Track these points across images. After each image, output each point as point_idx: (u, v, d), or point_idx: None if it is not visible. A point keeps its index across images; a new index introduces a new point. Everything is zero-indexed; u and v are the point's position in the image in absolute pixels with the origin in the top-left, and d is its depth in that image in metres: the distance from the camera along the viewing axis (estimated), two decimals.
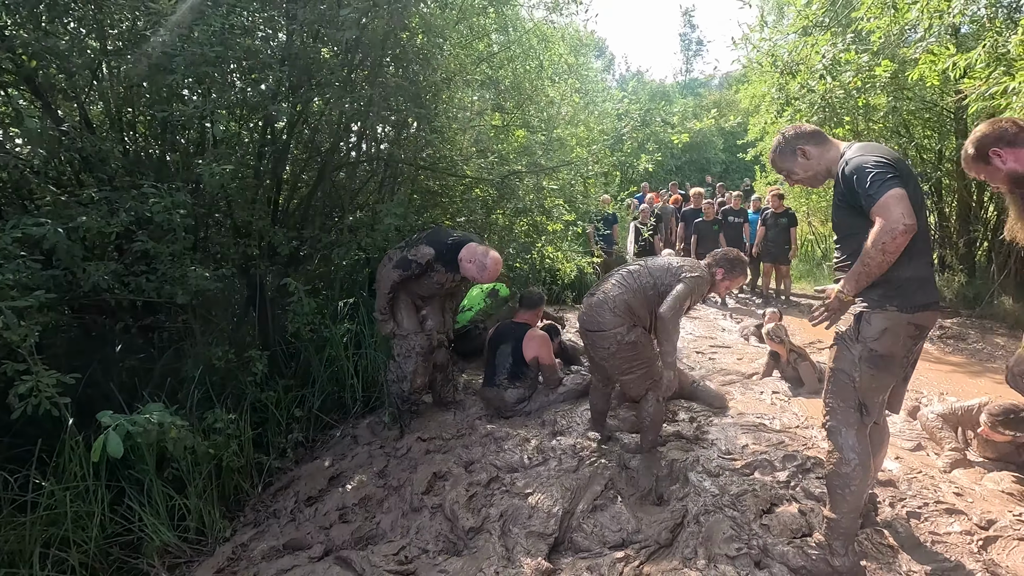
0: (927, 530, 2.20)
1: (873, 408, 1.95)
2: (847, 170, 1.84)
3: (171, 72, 2.66)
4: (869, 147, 1.87)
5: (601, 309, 2.77)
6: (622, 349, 2.73)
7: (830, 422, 2.00)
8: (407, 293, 3.31)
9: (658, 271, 2.84)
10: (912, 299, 1.84)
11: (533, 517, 2.32)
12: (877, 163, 1.77)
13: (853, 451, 1.94)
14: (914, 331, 1.89)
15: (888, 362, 1.89)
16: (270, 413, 3.09)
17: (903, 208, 1.69)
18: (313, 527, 2.39)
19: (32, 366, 1.99)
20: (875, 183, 1.73)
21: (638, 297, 2.78)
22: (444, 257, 3.11)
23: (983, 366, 5.23)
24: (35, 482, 2.16)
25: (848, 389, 1.95)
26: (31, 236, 2.21)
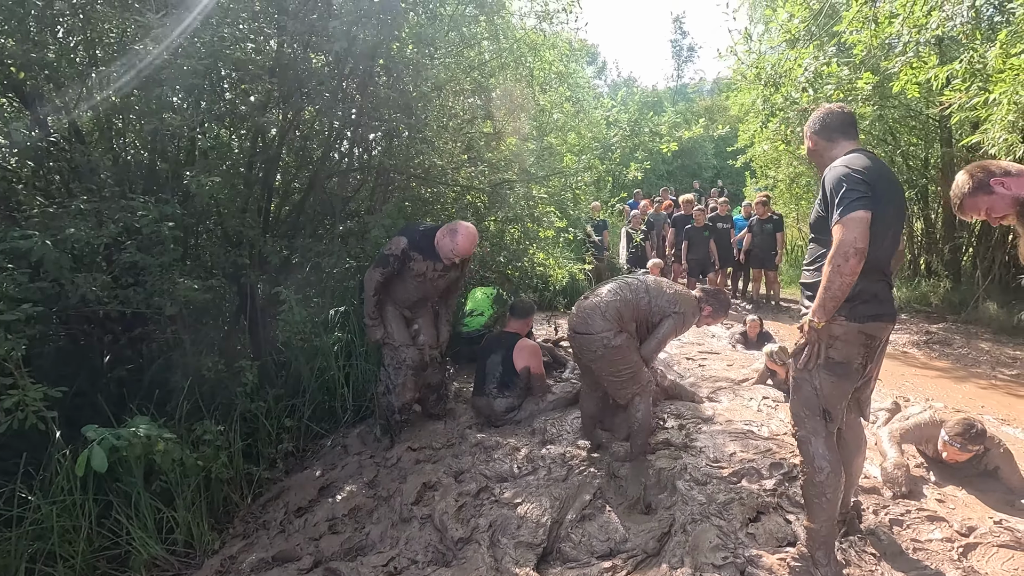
0: (909, 537, 2.23)
1: (836, 414, 2.01)
2: (828, 176, 1.90)
3: (161, 84, 2.67)
4: (858, 159, 1.91)
5: (592, 313, 2.83)
6: (608, 352, 2.79)
7: (799, 432, 2.06)
8: (395, 304, 3.27)
9: (655, 292, 2.95)
10: (859, 310, 1.91)
11: (522, 527, 2.34)
12: (855, 179, 1.81)
13: (824, 459, 1.98)
14: (865, 339, 1.95)
15: (845, 368, 1.96)
16: (260, 423, 3.08)
17: (859, 232, 1.76)
18: (303, 538, 2.39)
19: (19, 380, 1.99)
20: (844, 199, 1.79)
21: (630, 308, 2.86)
22: (419, 244, 3.10)
23: (968, 371, 5.30)
24: (21, 496, 2.15)
25: (811, 397, 2.01)
26: (19, 248, 2.21)
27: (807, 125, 2.13)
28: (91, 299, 2.46)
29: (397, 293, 3.25)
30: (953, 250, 7.61)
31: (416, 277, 3.16)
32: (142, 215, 2.49)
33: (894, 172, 2.12)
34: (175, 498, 2.40)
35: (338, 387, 3.58)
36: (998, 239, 7.17)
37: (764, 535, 2.24)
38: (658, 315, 2.93)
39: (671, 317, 2.91)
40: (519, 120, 5.51)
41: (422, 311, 3.39)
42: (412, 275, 3.16)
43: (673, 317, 2.90)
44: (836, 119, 2.04)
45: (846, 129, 2.03)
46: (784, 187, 10.39)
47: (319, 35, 3.51)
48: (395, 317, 3.27)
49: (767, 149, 7.74)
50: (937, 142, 7.35)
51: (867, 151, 1.99)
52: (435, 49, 4.38)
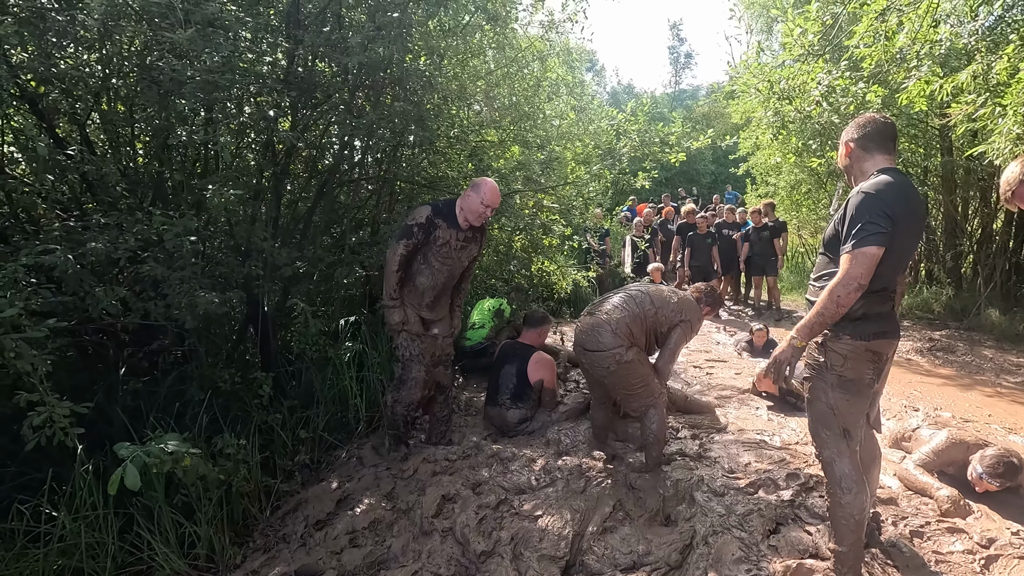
0: (930, 549, 2.25)
1: (855, 432, 2.02)
2: (853, 200, 1.89)
3: (181, 97, 2.68)
4: (888, 185, 1.86)
5: (602, 330, 2.84)
6: (621, 368, 2.81)
7: (823, 453, 2.05)
8: (414, 301, 3.06)
9: (660, 301, 2.96)
10: (864, 329, 1.93)
11: (544, 540, 2.34)
12: (877, 211, 1.80)
13: (851, 479, 1.98)
14: (873, 356, 1.97)
15: (857, 385, 1.97)
16: (276, 435, 3.08)
17: (865, 268, 1.79)
18: (324, 552, 2.39)
19: (44, 396, 1.99)
20: (862, 231, 1.80)
21: (638, 322, 2.89)
22: (442, 212, 2.99)
23: (972, 379, 5.34)
24: (46, 512, 2.15)
25: (829, 416, 2.01)
26: (42, 264, 2.21)
27: (845, 132, 2.10)
28: (112, 312, 2.46)
29: (421, 279, 3.04)
30: (954, 257, 7.67)
31: (441, 248, 2.98)
32: (164, 229, 2.49)
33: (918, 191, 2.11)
34: (196, 512, 2.40)
35: (351, 397, 3.58)
36: (999, 246, 7.23)
37: (786, 547, 2.25)
38: (665, 325, 2.95)
39: (679, 326, 2.93)
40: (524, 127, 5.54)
41: (441, 305, 3.19)
42: (437, 247, 2.98)
43: (681, 326, 2.93)
44: (877, 130, 1.99)
45: (885, 142, 1.99)
46: (785, 194, 10.46)
47: (333, 47, 3.53)
48: (413, 309, 3.08)
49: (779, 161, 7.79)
50: (938, 152, 7.41)
51: (898, 171, 1.97)
52: (443, 60, 4.41)
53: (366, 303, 4.46)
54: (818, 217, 10.49)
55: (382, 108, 3.85)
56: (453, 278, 3.15)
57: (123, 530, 2.29)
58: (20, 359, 1.92)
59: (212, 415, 2.83)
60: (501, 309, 4.70)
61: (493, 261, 5.51)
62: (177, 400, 2.91)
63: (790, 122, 5.64)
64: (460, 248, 3.06)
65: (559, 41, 6.03)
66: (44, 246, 2.31)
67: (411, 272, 3.01)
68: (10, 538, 2.09)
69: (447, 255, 3.02)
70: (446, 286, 3.13)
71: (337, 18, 3.60)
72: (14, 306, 1.92)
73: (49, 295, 2.23)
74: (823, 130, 5.67)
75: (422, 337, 3.08)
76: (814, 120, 5.25)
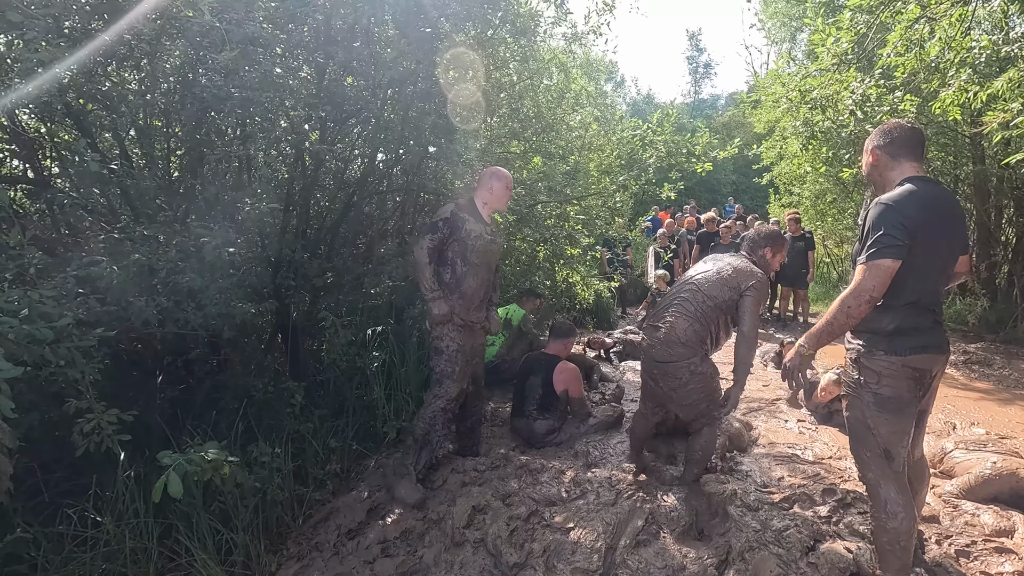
0: (977, 570, 2.18)
1: (897, 453, 1.93)
2: (872, 211, 1.87)
3: (221, 112, 2.76)
4: (910, 195, 1.84)
5: (671, 342, 2.73)
6: (694, 379, 2.73)
7: (867, 476, 1.99)
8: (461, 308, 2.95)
9: (713, 288, 2.76)
10: (898, 344, 1.87)
11: (576, 552, 2.33)
12: (894, 222, 1.78)
13: (897, 504, 1.90)
14: (912, 373, 1.88)
15: (897, 404, 1.90)
16: (307, 444, 3.11)
17: (879, 282, 1.79)
18: (357, 561, 2.40)
19: (91, 403, 2.04)
20: (877, 243, 1.79)
21: (701, 323, 2.74)
22: (466, 207, 2.98)
23: (1012, 393, 5.18)
24: (92, 518, 2.20)
25: (868, 437, 1.95)
26: (89, 275, 2.28)
27: (869, 139, 2.05)
28: (152, 322, 2.52)
29: (468, 282, 2.95)
30: (989, 268, 7.48)
31: (476, 242, 2.93)
32: (204, 241, 2.56)
33: (954, 197, 2.05)
34: (232, 519, 2.43)
35: (380, 407, 3.60)
36: None
37: (825, 564, 2.20)
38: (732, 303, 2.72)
39: (747, 295, 2.70)
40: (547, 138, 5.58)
41: (484, 305, 3.11)
42: (473, 240, 2.92)
43: (750, 294, 2.69)
44: (905, 136, 1.95)
45: (914, 149, 1.94)
46: (809, 204, 10.32)
47: (363, 62, 3.61)
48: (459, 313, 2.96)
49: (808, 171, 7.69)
50: (969, 160, 7.26)
51: (927, 179, 1.93)
52: (470, 73, 4.47)
53: (392, 313, 4.51)
54: (844, 227, 10.33)
55: (410, 121, 3.91)
56: (491, 274, 3.11)
57: (162, 536, 2.33)
58: (71, 367, 1.98)
59: (247, 424, 2.87)
60: (509, 319, 4.63)
61: (516, 272, 5.53)
62: (212, 408, 2.97)
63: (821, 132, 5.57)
64: (490, 242, 3.03)
65: (581, 53, 6.06)
66: (91, 258, 2.38)
67: (457, 279, 2.95)
68: (58, 542, 2.14)
69: (484, 249, 2.98)
70: (488, 284, 3.09)
71: (367, 34, 3.68)
72: (65, 316, 1.98)
73: (96, 305, 2.30)
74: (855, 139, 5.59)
75: (463, 329, 2.98)
76: (848, 129, 5.17)
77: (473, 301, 3.00)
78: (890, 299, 1.88)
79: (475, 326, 3.06)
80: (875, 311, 1.91)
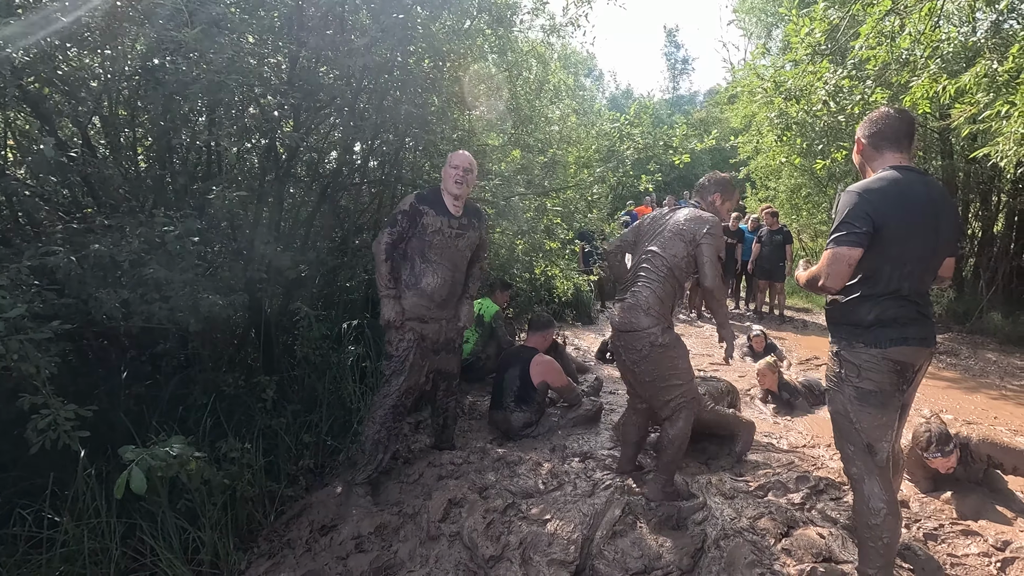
0: (945, 552, 2.23)
1: (881, 448, 1.91)
2: (841, 200, 1.90)
3: (186, 98, 2.67)
4: (880, 185, 1.84)
5: (635, 312, 2.61)
6: (654, 351, 2.58)
7: (851, 470, 1.96)
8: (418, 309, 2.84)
9: (670, 245, 2.62)
10: (879, 336, 1.86)
11: (553, 544, 2.31)
12: (858, 211, 1.80)
13: (879, 500, 1.88)
14: (893, 366, 1.86)
15: (879, 397, 1.88)
16: (280, 439, 3.05)
17: (834, 270, 1.84)
18: (330, 557, 2.35)
19: (48, 399, 1.96)
20: (839, 230, 1.84)
21: (665, 286, 2.61)
22: (427, 198, 2.84)
23: (977, 382, 5.32)
24: (49, 518, 2.11)
25: (850, 431, 1.93)
26: (46, 266, 2.19)
27: (859, 128, 2.04)
28: (115, 316, 2.43)
29: (426, 280, 2.83)
30: (956, 260, 7.67)
31: (435, 236, 2.80)
32: (167, 230, 2.47)
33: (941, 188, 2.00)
34: (200, 517, 2.36)
35: (354, 401, 3.55)
36: (1001, 249, 7.24)
37: (799, 550, 2.23)
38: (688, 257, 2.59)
39: (702, 244, 2.56)
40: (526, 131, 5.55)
41: (451, 302, 2.97)
42: (430, 236, 2.80)
43: (705, 243, 2.55)
44: (889, 126, 1.92)
45: (899, 139, 1.91)
46: (785, 198, 10.47)
47: (336, 50, 3.53)
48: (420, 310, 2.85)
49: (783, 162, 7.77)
50: (938, 155, 7.43)
51: (911, 168, 1.88)
52: (445, 63, 4.41)
53: (368, 307, 4.44)
54: (818, 222, 10.50)
55: (385, 111, 3.84)
56: (459, 271, 2.95)
57: (126, 535, 2.25)
58: (24, 361, 1.89)
59: (216, 419, 2.80)
60: (481, 314, 4.54)
61: (495, 264, 5.50)
62: (180, 404, 2.88)
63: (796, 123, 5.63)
64: (456, 236, 2.87)
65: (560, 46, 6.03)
66: (47, 248, 2.28)
67: (415, 276, 2.84)
68: (12, 544, 2.05)
69: (443, 245, 2.84)
70: (454, 282, 2.92)
71: (341, 21, 3.60)
72: (18, 307, 1.89)
73: (52, 297, 2.21)
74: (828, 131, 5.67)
75: (421, 325, 2.86)
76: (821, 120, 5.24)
77: (434, 299, 2.86)
78: (867, 289, 1.87)
79: (440, 322, 2.94)
80: (854, 302, 1.89)
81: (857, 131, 2.05)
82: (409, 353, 2.82)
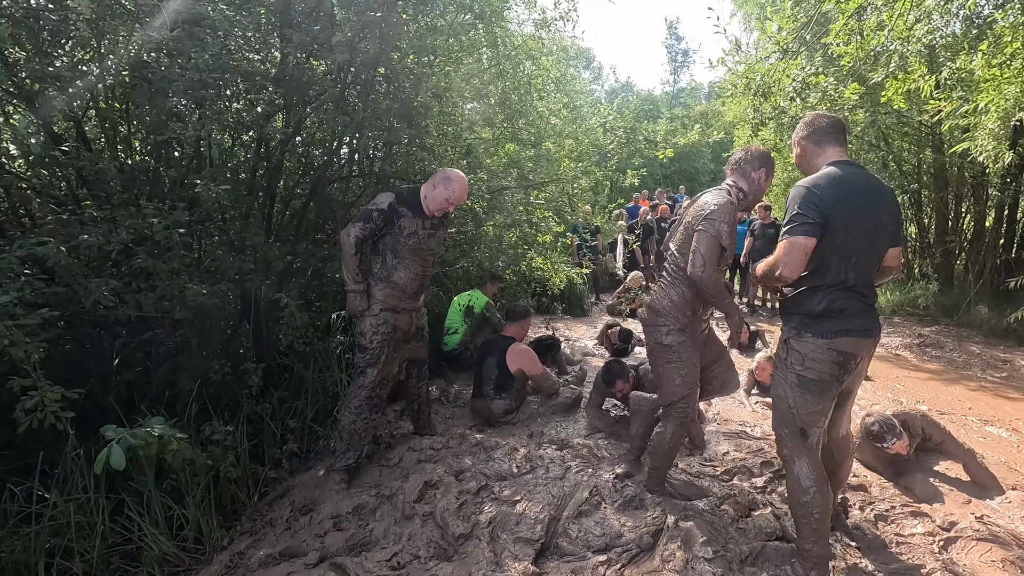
0: (892, 532, 2.32)
1: (813, 433, 2.00)
2: (791, 194, 1.98)
3: (171, 96, 2.76)
4: (827, 178, 1.93)
5: (651, 309, 2.53)
6: (657, 349, 2.51)
7: (783, 451, 2.08)
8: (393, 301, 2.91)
9: (681, 241, 2.46)
10: (825, 327, 1.94)
11: (521, 523, 2.42)
12: (808, 202, 1.89)
13: (809, 479, 1.98)
14: (836, 356, 1.94)
15: (819, 386, 1.95)
16: (265, 424, 3.16)
17: (790, 259, 1.90)
18: (308, 535, 2.47)
19: (37, 381, 2.07)
20: (791, 222, 1.91)
21: (678, 287, 2.44)
22: (407, 200, 2.85)
23: (959, 373, 5.40)
24: (39, 494, 2.23)
25: (788, 415, 2.02)
26: (35, 255, 2.29)
27: (796, 131, 2.14)
28: (104, 304, 2.54)
29: (399, 275, 2.90)
30: (944, 254, 7.72)
31: (410, 238, 2.86)
32: (155, 222, 2.57)
33: (885, 183, 2.13)
34: (185, 496, 2.48)
35: (339, 388, 3.65)
36: (989, 244, 7.28)
37: (753, 530, 2.33)
38: None
39: (697, 233, 2.30)
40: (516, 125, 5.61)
41: (421, 292, 3.06)
42: (406, 238, 2.85)
43: (699, 233, 2.29)
44: (826, 125, 2.05)
45: (837, 135, 2.03)
46: (779, 192, 10.50)
47: (322, 45, 3.61)
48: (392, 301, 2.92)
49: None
50: (929, 147, 7.47)
51: (850, 163, 2.00)
52: (434, 57, 4.49)
53: None
54: None
55: (372, 105, 3.92)
56: (428, 266, 3.03)
57: (114, 512, 2.37)
58: (14, 347, 2.00)
59: (203, 404, 2.91)
60: (471, 306, 4.64)
61: (484, 256, 5.58)
62: (169, 390, 2.99)
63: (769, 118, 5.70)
64: (428, 236, 2.93)
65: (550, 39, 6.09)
66: (38, 238, 2.39)
67: (387, 270, 2.90)
68: (2, 518, 2.17)
69: (417, 246, 2.90)
70: (424, 276, 3.02)
71: (330, 17, 3.67)
72: (8, 295, 2.00)
73: (42, 286, 2.31)
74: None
75: (393, 315, 2.92)
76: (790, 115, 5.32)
77: (406, 291, 2.95)
78: (816, 280, 1.96)
79: (411, 312, 3.04)
80: (805, 293, 1.99)
81: (795, 135, 2.14)
82: (384, 346, 2.90)
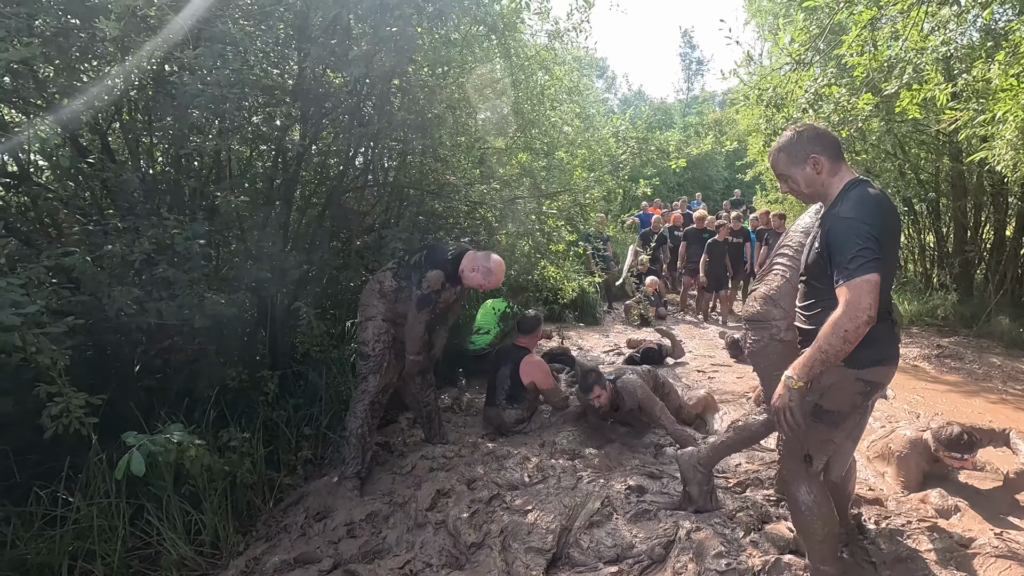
0: (908, 547, 2.29)
1: (818, 461, 1.94)
2: (835, 225, 1.74)
3: (195, 109, 2.84)
4: (867, 205, 1.73)
5: (766, 300, 2.32)
6: (773, 346, 2.29)
7: (784, 471, 2.07)
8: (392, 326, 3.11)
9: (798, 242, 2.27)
10: (859, 356, 1.73)
11: (532, 533, 2.43)
12: (867, 235, 1.66)
13: (806, 503, 1.96)
14: (864, 387, 1.82)
15: (835, 418, 1.86)
16: (280, 431, 3.21)
17: (872, 299, 1.61)
18: (322, 541, 2.50)
19: (62, 388, 2.13)
20: (856, 259, 1.63)
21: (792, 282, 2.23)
22: (450, 276, 3.05)
23: (979, 385, 5.30)
24: (63, 497, 2.29)
25: (794, 439, 1.93)
26: (62, 265, 2.36)
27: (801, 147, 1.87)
28: (128, 312, 2.61)
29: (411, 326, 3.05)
30: (963, 264, 7.60)
31: (440, 306, 3.09)
32: (176, 233, 2.64)
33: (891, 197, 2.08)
34: (202, 501, 2.52)
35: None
36: (1010, 253, 7.16)
37: (766, 543, 2.31)
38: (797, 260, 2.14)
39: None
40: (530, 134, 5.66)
41: None
42: (442, 304, 3.09)
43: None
44: (834, 138, 1.87)
45: (840, 150, 1.89)
46: (796, 200, 10.42)
47: (339, 59, 3.68)
48: None
49: None
50: (946, 156, 7.38)
51: (867, 182, 1.83)
52: (448, 69, 4.55)
53: None
54: None
55: (387, 117, 3.99)
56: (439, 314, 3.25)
57: (134, 516, 2.43)
58: (40, 354, 2.07)
59: (220, 411, 2.96)
60: (506, 311, 4.77)
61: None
62: (187, 396, 3.05)
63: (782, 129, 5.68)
64: (454, 300, 3.19)
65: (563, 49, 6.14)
66: (64, 248, 2.46)
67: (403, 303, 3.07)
68: (29, 521, 2.23)
69: (444, 306, 3.15)
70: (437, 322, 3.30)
71: (346, 31, 3.75)
72: (36, 304, 2.07)
73: (68, 295, 2.38)
74: None
75: (391, 331, 3.08)
76: None
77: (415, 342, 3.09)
78: None
79: None
80: None
81: (800, 150, 1.87)
82: (386, 353, 3.05)
